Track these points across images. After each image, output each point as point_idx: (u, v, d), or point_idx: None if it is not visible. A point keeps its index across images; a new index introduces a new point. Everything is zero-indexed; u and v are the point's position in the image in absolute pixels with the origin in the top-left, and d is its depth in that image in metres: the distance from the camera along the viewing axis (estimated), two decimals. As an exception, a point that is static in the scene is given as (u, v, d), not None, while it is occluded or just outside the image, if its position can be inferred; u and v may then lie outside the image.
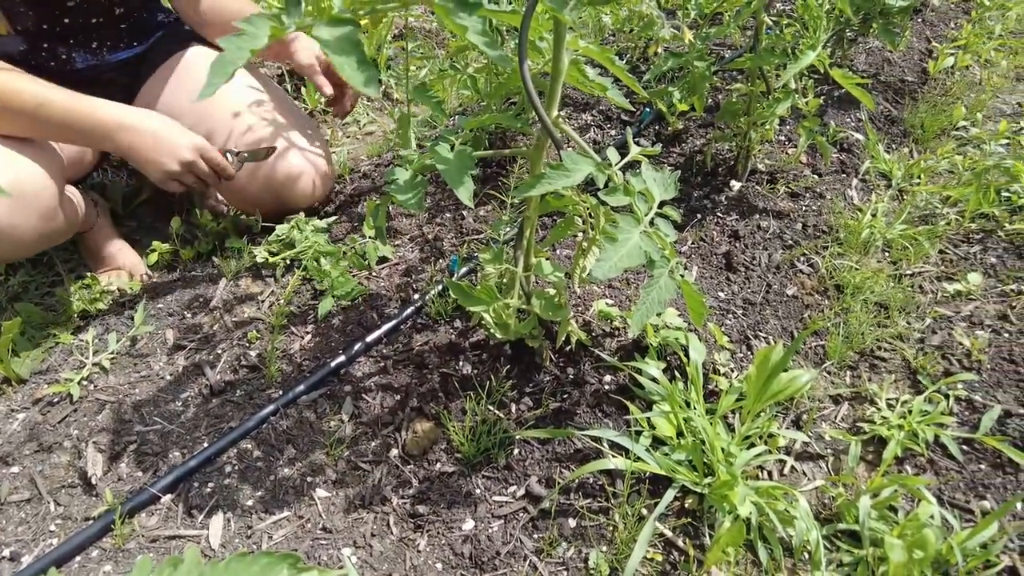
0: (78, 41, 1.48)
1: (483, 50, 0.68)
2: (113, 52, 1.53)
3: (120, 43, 1.54)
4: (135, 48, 1.57)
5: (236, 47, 0.62)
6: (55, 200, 1.25)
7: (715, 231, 1.51)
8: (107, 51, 1.52)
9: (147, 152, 1.28)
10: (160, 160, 1.29)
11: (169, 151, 1.29)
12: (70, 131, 1.25)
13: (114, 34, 1.54)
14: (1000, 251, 1.57)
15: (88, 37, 1.49)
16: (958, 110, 2.10)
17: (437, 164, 0.94)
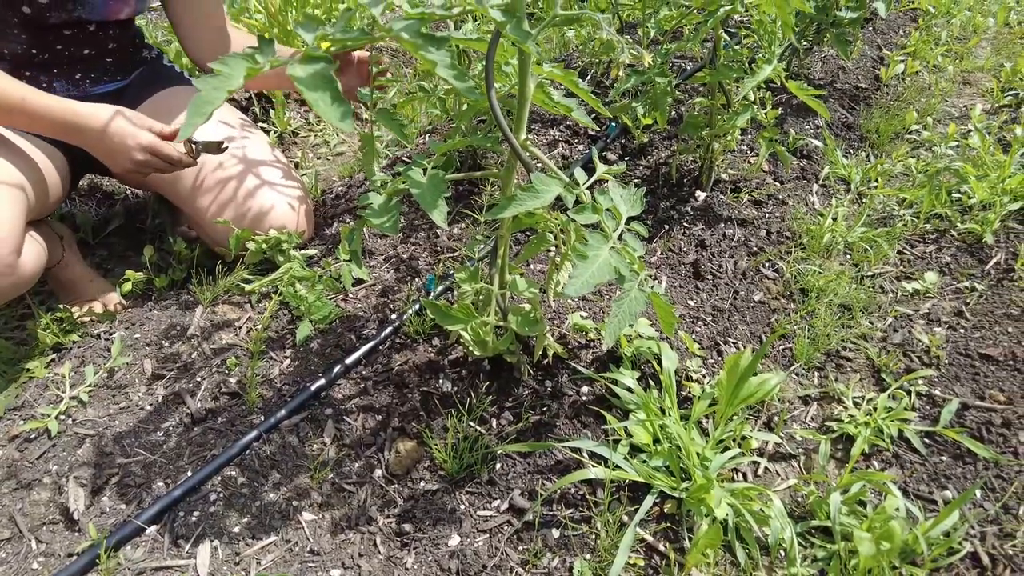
0: (62, 71, 1.48)
1: (452, 83, 0.71)
2: (95, 85, 1.54)
3: (104, 77, 1.55)
4: (117, 82, 1.58)
5: (213, 87, 0.64)
6: (13, 256, 1.20)
7: (682, 241, 1.55)
8: (89, 83, 1.53)
9: (102, 154, 1.31)
10: (114, 161, 1.31)
11: (121, 153, 1.30)
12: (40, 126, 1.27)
13: (99, 67, 1.54)
14: (954, 250, 1.64)
15: (73, 68, 1.49)
16: (910, 115, 2.18)
17: (411, 188, 0.97)
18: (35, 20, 1.35)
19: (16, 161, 1.35)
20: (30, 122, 1.25)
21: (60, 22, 1.38)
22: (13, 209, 1.23)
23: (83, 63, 1.50)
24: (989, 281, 1.52)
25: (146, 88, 1.61)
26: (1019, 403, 1.20)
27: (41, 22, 1.36)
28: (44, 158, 1.43)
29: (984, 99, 2.43)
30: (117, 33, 1.53)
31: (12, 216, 1.22)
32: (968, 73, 2.64)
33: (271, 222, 1.50)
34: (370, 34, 0.72)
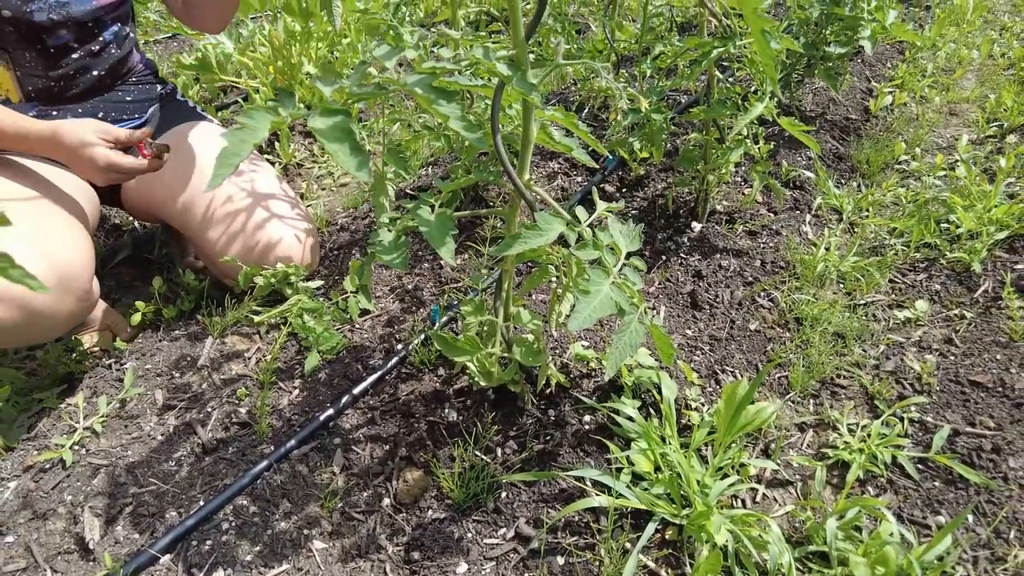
0: (85, 111, 1.53)
1: (463, 135, 0.75)
2: (115, 123, 1.59)
3: (123, 115, 1.60)
4: (135, 120, 1.63)
5: (239, 140, 0.68)
6: (90, 282, 1.29)
7: (680, 271, 1.60)
8: (108, 120, 1.58)
9: (77, 168, 1.36)
10: (85, 175, 1.37)
11: (88, 171, 1.35)
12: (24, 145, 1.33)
13: (119, 108, 1.60)
14: (943, 278, 1.68)
15: (96, 106, 1.55)
16: (899, 146, 2.24)
17: (420, 227, 1.01)
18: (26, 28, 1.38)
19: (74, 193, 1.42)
20: (14, 142, 1.33)
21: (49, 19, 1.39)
22: (87, 240, 1.34)
23: (105, 102, 1.55)
24: (978, 309, 1.56)
25: (161, 124, 1.67)
26: (1008, 429, 1.24)
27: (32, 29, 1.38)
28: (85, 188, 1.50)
29: (970, 129, 2.50)
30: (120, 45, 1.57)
31: (88, 246, 1.32)
32: (954, 104, 2.72)
33: (279, 254, 1.54)
34: (385, 88, 0.77)
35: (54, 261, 1.20)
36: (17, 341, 1.26)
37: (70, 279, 1.22)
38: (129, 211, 1.80)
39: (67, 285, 1.22)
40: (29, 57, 1.40)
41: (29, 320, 1.20)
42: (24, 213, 1.27)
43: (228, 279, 1.60)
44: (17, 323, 1.19)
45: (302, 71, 2.74)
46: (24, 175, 1.40)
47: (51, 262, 1.19)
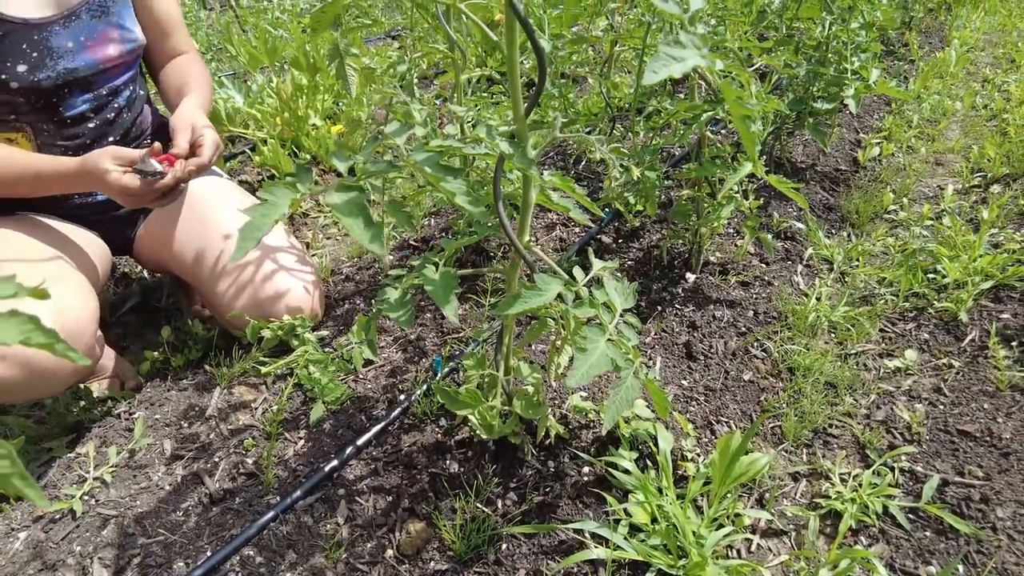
0: None
1: (468, 210, 0.81)
2: None
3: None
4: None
5: (261, 215, 0.74)
6: (94, 337, 1.33)
7: (675, 322, 1.64)
8: None
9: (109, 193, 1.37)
10: (114, 198, 1.37)
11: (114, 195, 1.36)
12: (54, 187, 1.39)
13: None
14: (932, 327, 1.73)
15: None
16: (887, 196, 2.32)
17: (425, 286, 1.06)
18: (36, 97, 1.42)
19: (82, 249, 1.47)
20: (56, 182, 1.38)
21: (56, 84, 1.43)
22: (93, 297, 1.37)
23: None
24: (965, 358, 1.61)
25: None
26: (996, 479, 1.27)
27: (45, 97, 1.43)
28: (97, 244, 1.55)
29: (955, 179, 2.58)
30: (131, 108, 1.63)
31: (94, 303, 1.35)
32: (940, 154, 2.80)
33: (286, 306, 1.59)
34: (396, 165, 0.83)
35: (60, 318, 1.23)
36: (19, 398, 1.29)
37: (75, 336, 1.26)
38: (140, 262, 1.86)
39: (71, 342, 1.25)
40: (47, 128, 1.46)
41: (31, 378, 1.24)
42: (34, 269, 1.32)
43: (236, 330, 1.65)
44: (19, 381, 1.23)
45: (308, 123, 2.84)
46: (36, 230, 1.45)
47: (57, 319, 1.22)
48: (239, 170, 2.71)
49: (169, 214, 1.68)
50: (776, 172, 2.41)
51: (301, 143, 2.81)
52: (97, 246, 1.58)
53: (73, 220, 1.60)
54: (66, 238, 1.48)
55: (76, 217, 1.60)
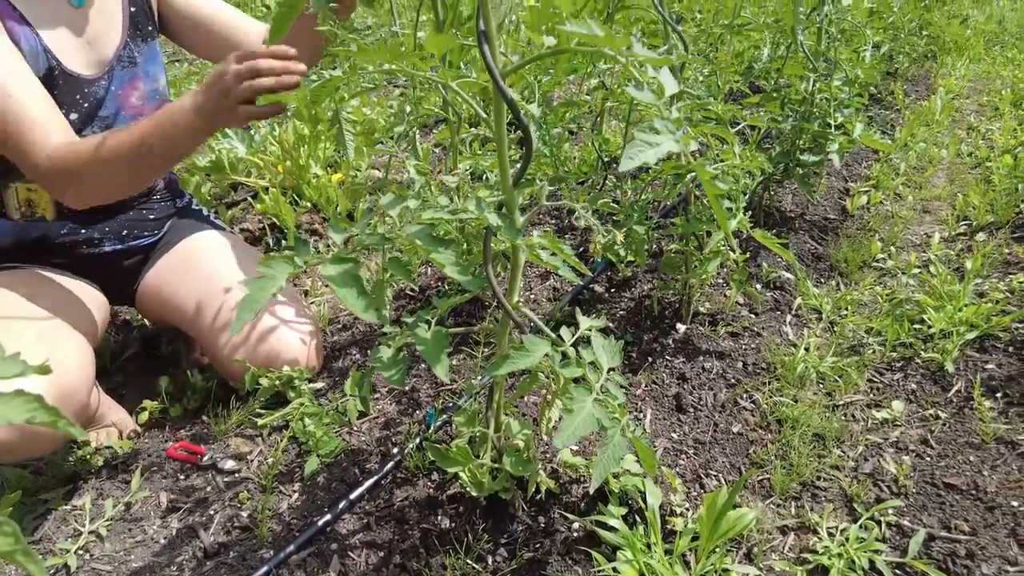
0: (112, 229, 1.65)
1: (459, 280, 0.85)
2: (137, 239, 1.71)
3: (145, 232, 1.72)
4: (155, 235, 1.75)
5: (260, 288, 0.78)
6: (88, 396, 1.36)
7: (665, 374, 1.67)
8: (132, 238, 1.69)
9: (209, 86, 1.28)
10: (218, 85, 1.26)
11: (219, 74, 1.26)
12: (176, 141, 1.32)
13: (142, 225, 1.72)
14: (919, 377, 1.76)
15: (122, 225, 1.67)
16: (874, 245, 2.37)
17: (417, 345, 1.09)
18: None
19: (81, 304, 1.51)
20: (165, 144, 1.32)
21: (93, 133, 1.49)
22: (90, 354, 1.39)
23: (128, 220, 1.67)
24: (951, 409, 1.63)
25: (177, 234, 1.78)
26: (982, 534, 1.29)
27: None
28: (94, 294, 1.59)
29: (942, 227, 2.63)
30: None
31: (90, 360, 1.38)
32: (927, 201, 2.87)
33: (285, 358, 1.62)
34: (389, 239, 0.87)
35: (56, 379, 1.25)
36: (13, 458, 1.32)
37: (71, 395, 1.29)
38: (141, 313, 1.89)
39: (67, 401, 1.28)
40: None
41: (26, 439, 1.27)
42: (32, 327, 1.35)
43: (234, 381, 1.67)
44: (12, 443, 1.25)
45: (310, 172, 2.90)
46: (37, 287, 1.48)
47: (53, 380, 1.24)
48: (240, 218, 2.77)
49: (170, 267, 1.73)
50: (765, 221, 2.47)
51: (302, 191, 2.87)
52: (97, 300, 1.62)
53: (76, 272, 1.64)
54: (67, 294, 1.52)
55: (79, 269, 1.65)
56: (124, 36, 1.55)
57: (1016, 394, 1.65)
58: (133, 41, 1.57)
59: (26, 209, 1.52)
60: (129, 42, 1.56)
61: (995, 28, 6.00)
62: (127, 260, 1.71)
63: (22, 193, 1.50)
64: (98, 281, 1.69)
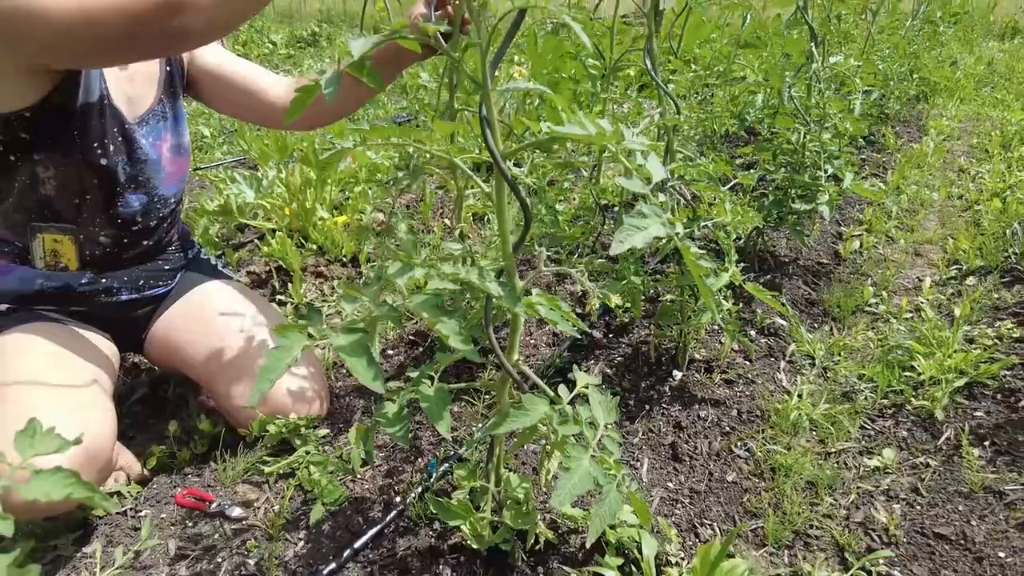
0: (130, 278, 1.71)
1: (461, 349, 0.90)
2: (152, 289, 1.77)
3: (159, 282, 1.78)
4: (168, 285, 1.81)
5: (276, 359, 0.83)
6: (112, 453, 1.41)
7: (661, 422, 1.72)
8: (147, 288, 1.76)
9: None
10: None
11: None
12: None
13: (156, 276, 1.78)
14: (909, 424, 1.80)
15: (138, 275, 1.73)
16: (867, 290, 2.42)
17: (421, 403, 1.14)
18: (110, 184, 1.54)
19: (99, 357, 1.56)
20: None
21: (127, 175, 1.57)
22: (112, 411, 1.45)
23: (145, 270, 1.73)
24: (941, 457, 1.67)
25: (187, 283, 1.84)
26: (970, 585, 1.32)
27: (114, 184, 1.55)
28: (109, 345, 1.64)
29: (933, 270, 2.69)
30: (173, 216, 1.79)
31: (113, 417, 1.44)
32: (918, 245, 2.93)
33: (293, 406, 1.66)
34: (396, 308, 0.93)
35: (85, 441, 1.31)
36: (36, 516, 1.36)
37: (97, 456, 1.34)
38: (150, 360, 1.94)
39: (94, 462, 1.33)
40: (95, 227, 1.59)
41: (54, 504, 1.31)
42: (62, 390, 1.41)
43: (241, 427, 1.72)
44: (42, 508, 1.30)
45: (316, 215, 2.98)
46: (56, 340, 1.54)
47: (87, 450, 1.30)
48: (247, 260, 2.83)
49: (180, 316, 1.78)
50: (760, 266, 2.53)
51: (308, 234, 2.94)
52: (111, 351, 1.68)
53: (90, 319, 1.70)
54: (85, 347, 1.57)
55: (94, 316, 1.70)
56: (159, 94, 1.64)
57: (1004, 442, 1.69)
58: (166, 98, 1.66)
59: (50, 259, 1.58)
60: (163, 99, 1.65)
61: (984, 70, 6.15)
62: (141, 309, 1.77)
63: (48, 243, 1.56)
64: (110, 328, 1.74)
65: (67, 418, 1.32)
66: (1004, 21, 7.96)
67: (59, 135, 1.43)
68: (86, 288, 1.65)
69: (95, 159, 1.49)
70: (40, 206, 1.50)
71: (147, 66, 1.61)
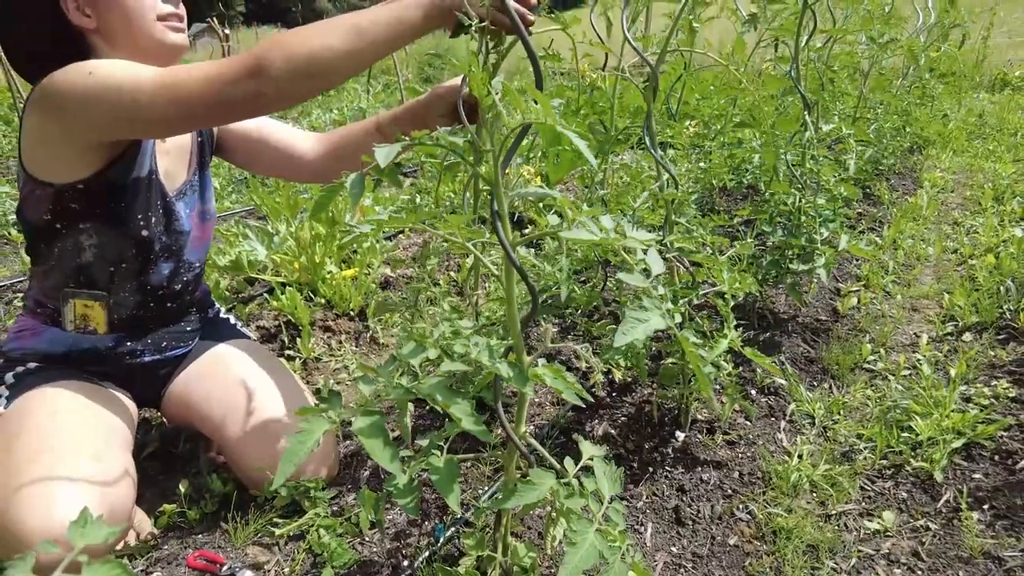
0: (153, 341, 1.77)
1: (471, 430, 0.95)
2: (173, 350, 1.83)
3: (181, 343, 1.84)
4: (188, 345, 1.87)
5: (299, 443, 0.88)
6: (131, 512, 1.46)
7: (665, 485, 1.75)
8: (169, 349, 1.82)
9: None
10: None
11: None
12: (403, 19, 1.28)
13: (179, 337, 1.84)
14: (909, 486, 1.83)
15: (163, 337, 1.80)
16: (865, 348, 2.47)
17: (431, 474, 1.18)
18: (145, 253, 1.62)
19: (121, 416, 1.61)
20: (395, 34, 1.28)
21: (162, 244, 1.65)
22: (134, 471, 1.50)
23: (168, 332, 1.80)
24: (941, 520, 1.69)
25: (205, 343, 1.90)
26: (970, 655, 1.34)
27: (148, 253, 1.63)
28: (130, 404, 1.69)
29: (930, 326, 2.74)
30: (197, 280, 1.86)
31: (134, 478, 1.48)
32: (915, 299, 2.99)
33: (306, 470, 1.70)
34: (410, 391, 0.98)
35: (108, 501, 1.36)
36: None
37: (119, 515, 1.38)
38: (165, 416, 1.99)
39: (116, 520, 1.37)
40: (125, 292, 1.66)
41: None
42: (89, 446, 1.45)
43: (254, 488, 1.75)
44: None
45: (325, 269, 3.05)
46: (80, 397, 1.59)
47: (104, 502, 1.35)
48: (257, 315, 2.89)
49: (198, 375, 1.84)
50: (759, 323, 2.59)
51: (316, 287, 3.01)
52: (132, 410, 1.73)
53: (113, 378, 1.75)
54: (108, 405, 1.62)
55: (117, 375, 1.75)
56: (193, 165, 1.73)
57: (1002, 506, 1.71)
58: (198, 168, 1.75)
59: (80, 323, 1.64)
60: (197, 169, 1.73)
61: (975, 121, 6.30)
62: (162, 369, 1.83)
63: (79, 309, 1.62)
64: (130, 385, 1.79)
65: (91, 477, 1.37)
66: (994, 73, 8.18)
67: (108, 207, 1.51)
68: (112, 350, 1.71)
69: (138, 231, 1.57)
70: (76, 272, 1.57)
71: (181, 138, 1.70)
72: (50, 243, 1.56)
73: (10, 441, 1.41)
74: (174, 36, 1.56)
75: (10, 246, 4.15)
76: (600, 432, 1.95)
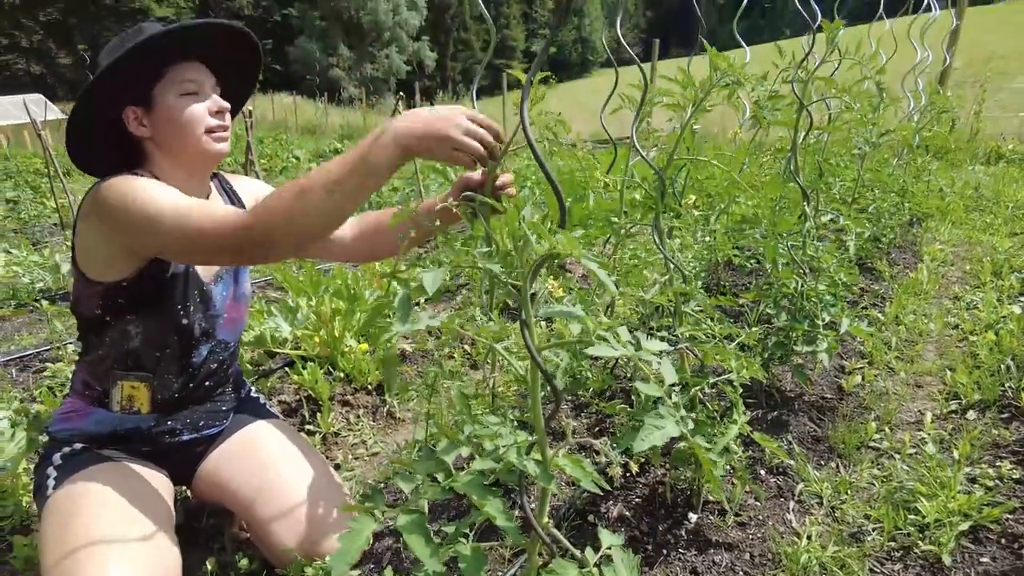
0: (191, 420, 1.87)
1: (505, 527, 1.04)
2: (208, 428, 1.93)
3: (214, 422, 1.94)
4: (222, 424, 1.97)
5: (349, 543, 0.97)
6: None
7: (678, 567, 1.80)
8: (205, 428, 1.91)
9: (427, 126, 1.37)
10: (441, 129, 1.36)
11: (446, 120, 1.37)
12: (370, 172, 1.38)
13: (214, 415, 1.94)
14: (918, 568, 1.87)
15: (199, 416, 1.89)
16: (870, 426, 2.53)
17: (459, 561, 1.26)
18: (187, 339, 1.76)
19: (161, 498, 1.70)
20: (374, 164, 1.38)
21: (202, 330, 1.79)
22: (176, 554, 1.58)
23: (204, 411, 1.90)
24: (951, 606, 1.73)
25: (237, 423, 1.99)
26: None
27: (190, 339, 1.77)
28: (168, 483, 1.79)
29: (934, 403, 2.81)
30: (232, 357, 1.97)
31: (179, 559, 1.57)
32: (919, 376, 3.06)
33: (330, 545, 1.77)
34: (445, 489, 1.07)
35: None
36: None
37: None
38: (195, 493, 2.06)
39: None
40: (168, 375, 1.78)
41: None
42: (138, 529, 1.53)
43: (280, 567, 1.81)
44: None
45: (344, 343, 3.16)
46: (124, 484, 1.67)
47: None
48: (279, 389, 2.99)
49: (230, 454, 1.92)
50: (767, 402, 2.66)
51: (336, 361, 3.11)
52: (169, 488, 1.81)
53: (151, 457, 1.83)
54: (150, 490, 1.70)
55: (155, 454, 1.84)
56: None
57: (1010, 592, 1.75)
58: None
59: (126, 403, 1.75)
60: None
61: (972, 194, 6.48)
62: (197, 448, 1.92)
63: (126, 390, 1.73)
64: (167, 465, 1.88)
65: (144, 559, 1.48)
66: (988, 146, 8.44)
67: (150, 300, 1.65)
68: (153, 430, 1.81)
69: (179, 319, 1.70)
70: (124, 357, 1.70)
71: None
72: (100, 334, 1.69)
73: (65, 521, 1.49)
74: (218, 146, 1.73)
75: (36, 313, 4.29)
76: (615, 514, 2.01)
